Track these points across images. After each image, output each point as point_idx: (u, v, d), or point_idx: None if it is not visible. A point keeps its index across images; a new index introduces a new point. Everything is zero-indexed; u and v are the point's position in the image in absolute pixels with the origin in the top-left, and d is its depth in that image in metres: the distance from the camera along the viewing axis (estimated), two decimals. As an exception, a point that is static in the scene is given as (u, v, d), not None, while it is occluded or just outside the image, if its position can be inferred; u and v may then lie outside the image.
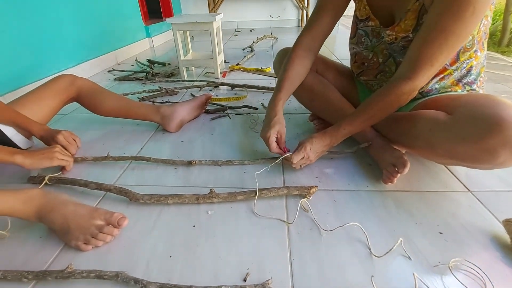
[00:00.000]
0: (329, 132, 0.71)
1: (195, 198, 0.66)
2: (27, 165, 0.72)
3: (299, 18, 3.50)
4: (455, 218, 0.60)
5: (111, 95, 0.99)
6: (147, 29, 2.46)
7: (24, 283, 0.51)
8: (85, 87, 0.96)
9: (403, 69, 0.62)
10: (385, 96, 0.64)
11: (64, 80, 0.94)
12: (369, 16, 0.73)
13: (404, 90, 0.61)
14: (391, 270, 0.50)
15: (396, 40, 0.69)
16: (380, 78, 0.79)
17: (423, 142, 0.63)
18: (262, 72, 1.64)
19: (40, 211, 0.57)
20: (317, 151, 0.71)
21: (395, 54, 0.72)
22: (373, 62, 0.78)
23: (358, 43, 0.80)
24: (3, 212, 0.55)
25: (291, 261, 0.52)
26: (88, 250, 0.56)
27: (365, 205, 0.65)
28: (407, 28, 0.65)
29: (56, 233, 0.59)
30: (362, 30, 0.77)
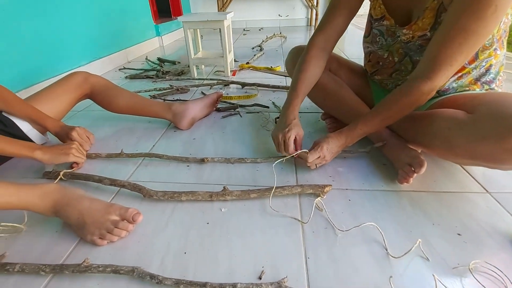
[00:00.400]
0: (344, 132, 0.70)
1: (209, 195, 0.66)
2: (45, 160, 0.73)
3: (308, 17, 3.48)
4: (474, 219, 0.59)
5: (124, 92, 1.00)
6: (157, 28, 2.48)
7: (41, 276, 0.51)
8: (99, 84, 0.97)
9: (422, 68, 0.61)
10: (403, 96, 0.62)
11: (78, 76, 0.95)
12: (384, 15, 0.72)
13: (424, 91, 0.60)
14: (409, 271, 0.49)
15: (413, 39, 0.68)
16: (395, 77, 0.78)
17: (441, 142, 0.62)
18: (272, 71, 1.64)
19: (56, 205, 0.58)
20: (333, 151, 0.70)
21: (411, 53, 0.71)
22: (388, 61, 0.77)
23: (373, 42, 0.79)
24: (20, 206, 0.56)
25: (306, 260, 0.52)
26: (103, 245, 0.57)
27: (380, 205, 0.64)
28: (425, 26, 0.64)
29: (71, 228, 0.60)
30: (377, 29, 0.76)
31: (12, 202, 0.55)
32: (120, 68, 1.83)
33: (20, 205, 0.56)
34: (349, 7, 0.74)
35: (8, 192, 0.55)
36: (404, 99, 0.62)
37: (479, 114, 0.55)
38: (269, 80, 1.47)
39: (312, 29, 3.25)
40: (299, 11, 3.48)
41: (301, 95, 0.76)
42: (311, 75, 0.77)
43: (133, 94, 1.02)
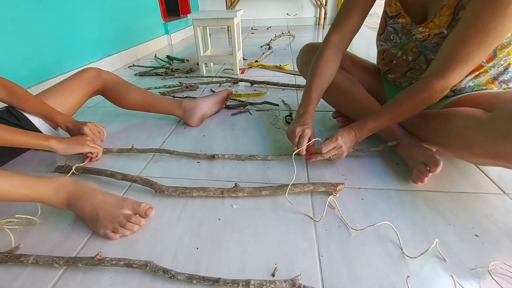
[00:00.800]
0: (354, 127, 0.70)
1: (220, 192, 0.66)
2: (60, 150, 0.74)
3: (317, 16, 3.46)
4: (491, 221, 0.58)
5: (135, 89, 1.00)
6: (166, 26, 2.49)
7: (55, 268, 0.52)
8: (110, 80, 0.98)
9: (436, 66, 0.60)
10: (415, 94, 0.62)
11: (90, 72, 0.95)
12: (400, 12, 0.71)
13: (436, 88, 0.59)
14: (426, 271, 0.48)
15: (429, 37, 0.66)
16: (409, 76, 0.77)
17: (458, 141, 0.60)
18: (280, 69, 1.63)
19: (70, 198, 0.58)
20: (347, 143, 0.69)
21: (426, 52, 0.70)
22: (402, 60, 0.76)
23: (387, 40, 0.77)
24: (35, 198, 0.56)
25: (319, 258, 0.51)
26: (116, 239, 0.57)
27: (394, 204, 0.63)
28: (442, 24, 0.63)
29: (84, 221, 0.60)
30: (391, 27, 0.75)
31: (26, 193, 0.55)
32: (130, 65, 1.85)
33: (34, 197, 0.56)
34: (363, 5, 0.73)
35: (23, 184, 0.55)
36: (416, 96, 0.61)
37: (499, 113, 0.54)
38: (278, 78, 1.47)
39: (320, 28, 3.23)
40: (308, 10, 3.46)
41: (314, 97, 0.75)
42: (325, 78, 0.76)
43: (143, 90, 1.02)
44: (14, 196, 0.54)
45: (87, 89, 0.95)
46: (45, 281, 0.49)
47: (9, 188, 0.53)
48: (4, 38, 1.11)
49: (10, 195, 0.53)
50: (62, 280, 0.50)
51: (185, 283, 0.48)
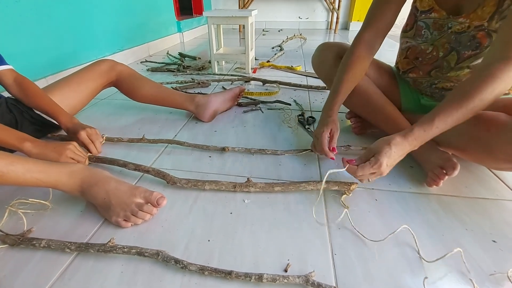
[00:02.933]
0: (415, 134, 0.55)
1: (232, 186, 0.66)
2: (33, 155, 0.68)
3: (329, 20, 3.46)
4: (509, 227, 0.56)
5: (149, 82, 1.01)
6: (179, 24, 2.51)
7: (66, 253, 0.52)
8: (125, 72, 0.98)
9: (498, 51, 0.53)
10: (487, 83, 0.51)
11: (105, 64, 0.96)
12: (433, 7, 0.69)
13: (508, 73, 0.50)
14: (442, 275, 0.47)
15: (469, 29, 0.64)
16: (434, 75, 0.75)
17: (479, 145, 0.59)
18: (292, 70, 1.63)
19: (84, 184, 0.58)
20: (394, 163, 0.57)
21: (459, 48, 0.67)
22: (430, 56, 0.74)
23: (416, 36, 0.75)
24: (48, 184, 0.57)
25: (333, 256, 0.50)
26: (127, 227, 0.57)
27: (409, 206, 0.61)
28: (484, 15, 0.60)
29: (97, 209, 0.60)
30: (423, 22, 0.72)
31: (40, 178, 0.55)
32: (142, 61, 1.86)
33: (48, 182, 0.56)
34: (396, 1, 0.70)
35: (38, 169, 0.55)
36: (487, 85, 0.51)
37: None
38: (289, 79, 1.46)
39: (332, 32, 3.23)
40: (320, 14, 3.46)
41: (341, 96, 0.74)
42: (354, 77, 0.74)
43: (157, 84, 1.02)
44: (29, 180, 0.54)
45: (102, 80, 0.95)
46: (57, 265, 0.49)
47: (24, 172, 0.53)
48: (24, 28, 1.13)
49: (24, 180, 0.53)
50: (73, 265, 0.50)
51: (196, 274, 0.47)
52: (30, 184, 0.55)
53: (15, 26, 1.10)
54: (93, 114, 1.09)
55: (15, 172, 0.52)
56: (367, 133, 0.90)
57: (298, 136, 0.91)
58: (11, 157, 0.53)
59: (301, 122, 0.99)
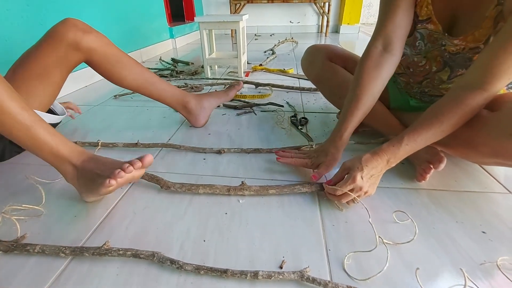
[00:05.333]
0: (384, 149, 0.57)
1: (226, 190, 0.66)
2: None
3: (319, 24, 3.51)
4: (498, 218, 0.58)
5: (132, 68, 0.83)
6: (171, 30, 2.53)
7: (61, 258, 0.51)
8: (98, 52, 0.78)
9: (475, 78, 0.55)
10: (458, 109, 0.54)
11: (66, 39, 0.72)
12: (430, 17, 0.65)
13: (480, 103, 0.54)
14: (434, 266, 0.48)
15: (463, 51, 0.63)
16: (425, 84, 0.75)
17: (463, 140, 0.60)
18: (284, 73, 1.65)
19: (86, 159, 0.59)
20: (372, 179, 0.57)
21: (453, 64, 0.66)
22: (422, 69, 0.72)
23: (411, 46, 0.71)
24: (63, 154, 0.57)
25: (327, 251, 0.51)
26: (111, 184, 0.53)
27: (400, 201, 0.63)
28: (481, 38, 0.59)
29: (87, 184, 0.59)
30: (419, 33, 0.69)
31: (59, 145, 0.57)
32: (135, 67, 1.87)
33: (62, 151, 0.57)
34: None
35: (59, 136, 0.57)
36: (459, 112, 0.54)
37: (505, 111, 0.55)
38: (282, 81, 1.48)
39: (323, 36, 3.28)
40: (310, 18, 3.51)
41: (350, 120, 0.67)
42: (366, 92, 0.66)
43: (143, 72, 0.86)
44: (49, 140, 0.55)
45: (67, 66, 0.75)
46: (51, 270, 0.49)
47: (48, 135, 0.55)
48: (13, 36, 1.13)
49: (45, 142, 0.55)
50: (68, 270, 0.49)
51: (192, 274, 0.48)
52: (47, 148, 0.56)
53: (7, 31, 1.10)
54: (87, 119, 1.09)
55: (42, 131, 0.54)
56: (359, 131, 0.92)
57: (292, 137, 0.92)
58: None
59: (294, 123, 1.00)
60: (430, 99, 0.77)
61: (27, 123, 0.54)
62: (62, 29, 0.73)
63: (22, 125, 0.54)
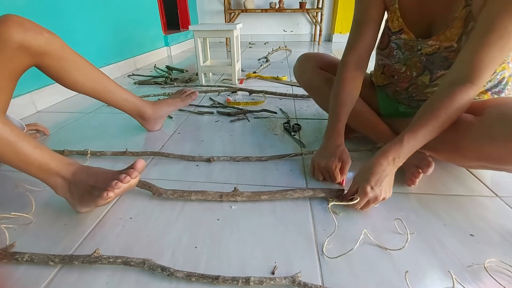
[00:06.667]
0: (387, 150, 0.58)
1: (219, 196, 0.66)
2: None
3: (312, 33, 3.58)
4: (485, 222, 0.59)
5: (89, 74, 0.79)
6: (166, 38, 2.55)
7: (50, 266, 0.51)
8: (51, 56, 0.71)
9: (461, 73, 0.57)
10: (451, 104, 0.56)
11: (9, 46, 0.62)
12: (403, 28, 0.70)
13: (470, 96, 0.56)
14: (423, 268, 0.48)
15: (439, 50, 0.66)
16: (411, 91, 0.77)
17: (449, 145, 0.62)
18: (278, 80, 1.67)
19: (77, 170, 0.59)
20: (381, 184, 0.58)
21: (431, 66, 0.69)
22: (405, 75, 0.76)
23: (390, 56, 0.77)
24: (44, 162, 0.56)
25: (319, 256, 0.51)
26: (109, 196, 0.53)
27: (390, 206, 0.64)
28: (453, 37, 0.63)
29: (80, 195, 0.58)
30: (394, 43, 0.74)
31: (45, 158, 0.56)
32: (129, 74, 1.87)
33: (50, 164, 0.56)
34: (373, 20, 0.73)
35: (45, 148, 0.57)
36: (453, 107, 0.56)
37: (488, 116, 0.56)
38: (275, 88, 1.50)
39: (316, 44, 3.33)
40: (303, 27, 3.58)
41: (343, 120, 0.73)
42: (348, 98, 0.74)
43: (100, 75, 0.82)
44: (35, 154, 0.55)
45: (12, 73, 0.66)
46: (40, 279, 0.48)
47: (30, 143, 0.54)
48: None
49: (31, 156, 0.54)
50: (57, 279, 0.49)
51: (183, 281, 0.47)
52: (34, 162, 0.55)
53: None
54: (78, 128, 1.08)
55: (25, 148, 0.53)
56: (350, 137, 0.93)
57: (284, 143, 0.93)
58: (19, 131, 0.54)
59: (287, 130, 1.01)
60: (417, 104, 0.79)
61: (10, 138, 0.52)
62: (4, 30, 0.61)
63: (6, 141, 0.52)
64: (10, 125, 0.54)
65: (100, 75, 0.83)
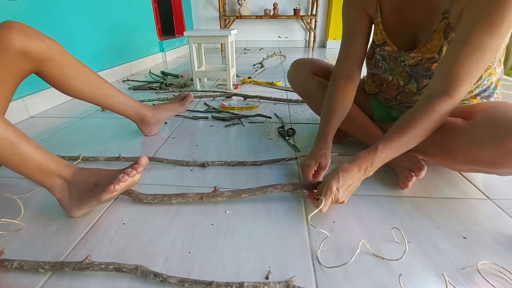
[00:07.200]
0: (361, 158, 0.59)
1: (199, 197, 0.66)
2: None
3: (307, 39, 3.62)
4: (478, 224, 0.59)
5: (90, 80, 0.80)
6: (161, 44, 2.55)
7: (40, 274, 0.50)
8: (52, 62, 0.71)
9: (439, 85, 0.57)
10: (428, 116, 0.56)
11: (11, 51, 0.62)
12: (386, 41, 0.73)
13: (447, 109, 0.56)
14: (417, 271, 0.49)
15: (421, 62, 0.68)
16: (400, 98, 0.79)
17: (439, 148, 0.63)
18: (273, 86, 1.68)
19: (77, 171, 0.59)
20: (348, 189, 0.59)
21: (416, 75, 0.71)
22: (393, 84, 0.77)
23: (376, 67, 0.79)
24: (44, 163, 0.56)
25: (313, 260, 0.51)
26: (116, 189, 0.54)
27: (384, 209, 0.64)
28: (433, 48, 0.64)
29: (81, 196, 0.58)
30: (379, 55, 0.76)
31: (45, 159, 0.56)
32: (124, 79, 1.87)
33: (49, 165, 0.57)
34: (360, 31, 0.74)
35: (44, 150, 0.57)
36: (429, 117, 0.56)
37: (477, 120, 0.57)
38: (270, 93, 1.51)
39: (310, 50, 3.37)
40: (298, 33, 3.62)
41: (331, 126, 0.73)
42: (339, 107, 0.74)
43: (100, 80, 0.82)
44: (35, 156, 0.55)
45: (13, 78, 0.66)
46: (29, 286, 0.47)
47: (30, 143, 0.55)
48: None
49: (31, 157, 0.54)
50: (47, 286, 0.48)
51: (176, 287, 0.47)
52: (33, 162, 0.55)
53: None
54: (72, 133, 1.07)
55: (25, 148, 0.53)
56: (344, 142, 0.94)
57: (279, 148, 0.93)
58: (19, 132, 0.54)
59: (281, 134, 1.02)
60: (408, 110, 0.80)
61: (12, 138, 0.53)
62: (6, 36, 0.62)
63: (7, 141, 0.52)
64: (11, 125, 0.54)
65: (99, 81, 0.83)
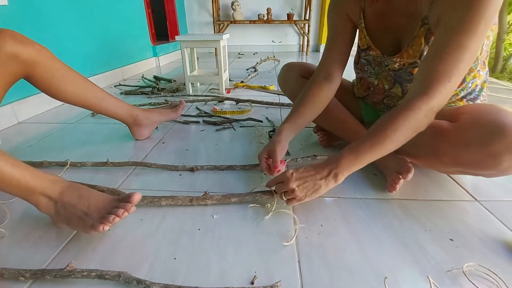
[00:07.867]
0: (325, 160, 0.60)
1: (189, 200, 0.65)
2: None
3: (300, 43, 3.65)
4: (465, 226, 0.59)
5: (79, 83, 0.81)
6: (154, 49, 2.55)
7: (20, 282, 0.48)
8: (40, 66, 0.73)
9: (417, 86, 0.56)
10: (400, 116, 0.54)
11: (2, 56, 0.65)
12: (370, 46, 0.74)
13: (421, 108, 0.53)
14: (403, 274, 0.48)
15: (404, 66, 0.69)
16: (386, 102, 0.80)
17: (426, 150, 0.63)
18: (265, 90, 1.69)
19: (65, 191, 0.56)
20: (303, 184, 0.58)
21: (401, 80, 0.72)
22: (378, 88, 0.78)
23: (362, 71, 0.81)
24: (30, 185, 0.54)
25: (299, 265, 0.51)
26: (104, 230, 0.52)
27: (372, 212, 0.64)
28: (415, 54, 0.65)
29: (68, 220, 0.55)
30: (364, 59, 0.78)
31: (25, 176, 0.53)
32: (116, 84, 1.86)
33: (30, 183, 0.54)
34: (340, 35, 0.75)
35: (25, 167, 0.54)
36: (401, 119, 0.54)
37: (462, 122, 0.58)
38: (262, 97, 1.51)
39: (304, 54, 3.40)
40: (292, 38, 3.65)
41: (291, 121, 0.75)
42: (308, 103, 0.76)
43: (89, 83, 0.83)
44: (14, 174, 0.52)
45: (3, 82, 0.67)
46: (8, 296, 0.46)
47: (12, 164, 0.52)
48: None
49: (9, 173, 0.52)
50: (27, 295, 0.47)
51: (160, 294, 0.46)
52: (12, 181, 0.52)
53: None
54: (61, 138, 1.06)
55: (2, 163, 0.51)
56: (334, 145, 0.94)
57: (269, 151, 0.93)
58: None
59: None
60: None
61: (6, 166, 0.51)
62: None
63: None
64: None
65: (89, 84, 0.84)
